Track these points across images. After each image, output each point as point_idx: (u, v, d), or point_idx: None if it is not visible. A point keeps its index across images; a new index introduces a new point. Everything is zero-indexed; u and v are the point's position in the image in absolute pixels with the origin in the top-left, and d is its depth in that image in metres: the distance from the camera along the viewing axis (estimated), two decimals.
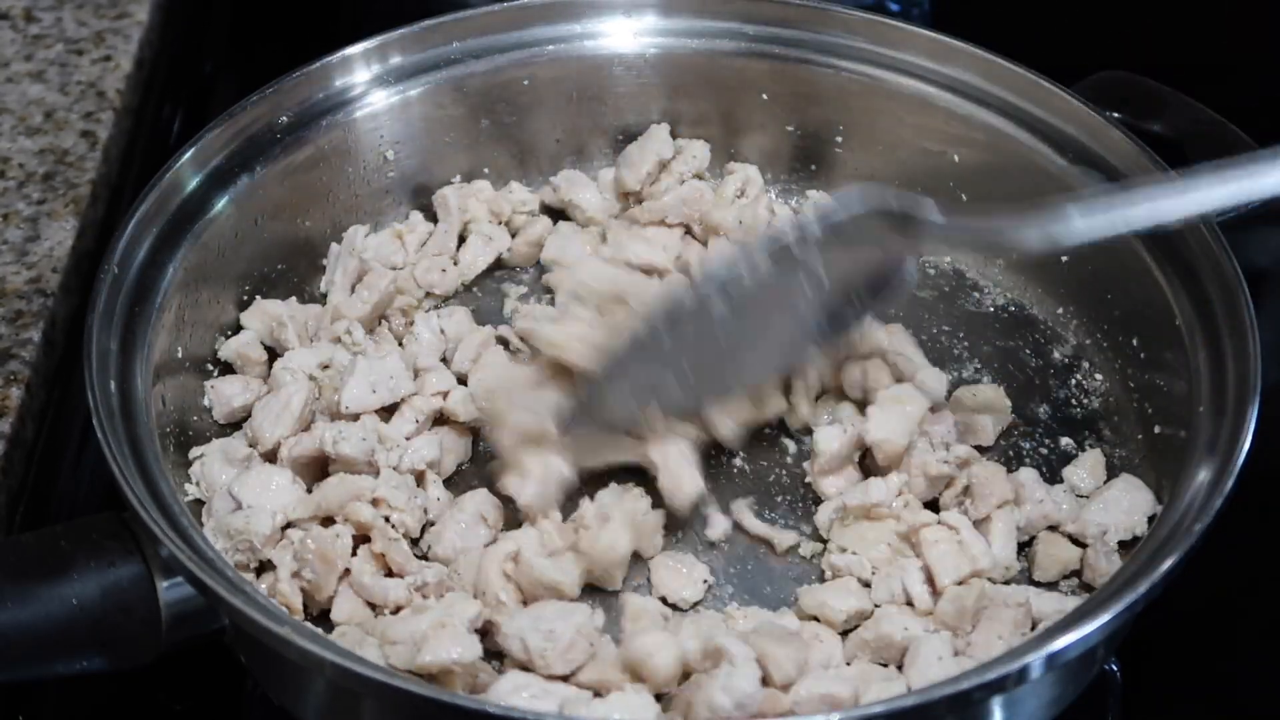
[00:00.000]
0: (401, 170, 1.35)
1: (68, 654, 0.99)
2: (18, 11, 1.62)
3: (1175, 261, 1.17)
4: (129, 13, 1.62)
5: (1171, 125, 1.30)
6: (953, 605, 1.07)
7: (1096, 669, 1.08)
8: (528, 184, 1.39)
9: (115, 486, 1.01)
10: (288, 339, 1.22)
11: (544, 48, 1.37)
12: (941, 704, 0.93)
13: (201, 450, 1.16)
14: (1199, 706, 1.16)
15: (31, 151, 1.47)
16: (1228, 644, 1.19)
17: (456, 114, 1.36)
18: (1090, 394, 1.25)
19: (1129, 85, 1.33)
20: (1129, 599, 0.96)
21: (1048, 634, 0.97)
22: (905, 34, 1.34)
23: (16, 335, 1.30)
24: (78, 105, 1.51)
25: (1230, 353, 1.10)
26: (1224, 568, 1.12)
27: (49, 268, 1.35)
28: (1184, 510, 1.03)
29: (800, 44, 1.36)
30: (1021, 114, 1.30)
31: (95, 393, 1.06)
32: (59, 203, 1.41)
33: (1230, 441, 1.05)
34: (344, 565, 1.09)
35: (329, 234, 1.32)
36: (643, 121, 1.39)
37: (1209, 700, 1.16)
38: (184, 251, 1.19)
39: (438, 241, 1.33)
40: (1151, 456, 1.17)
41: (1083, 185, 1.25)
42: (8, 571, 0.99)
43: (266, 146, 1.27)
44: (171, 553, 0.97)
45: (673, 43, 1.38)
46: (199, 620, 1.01)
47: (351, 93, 1.32)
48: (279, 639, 0.94)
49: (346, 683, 0.94)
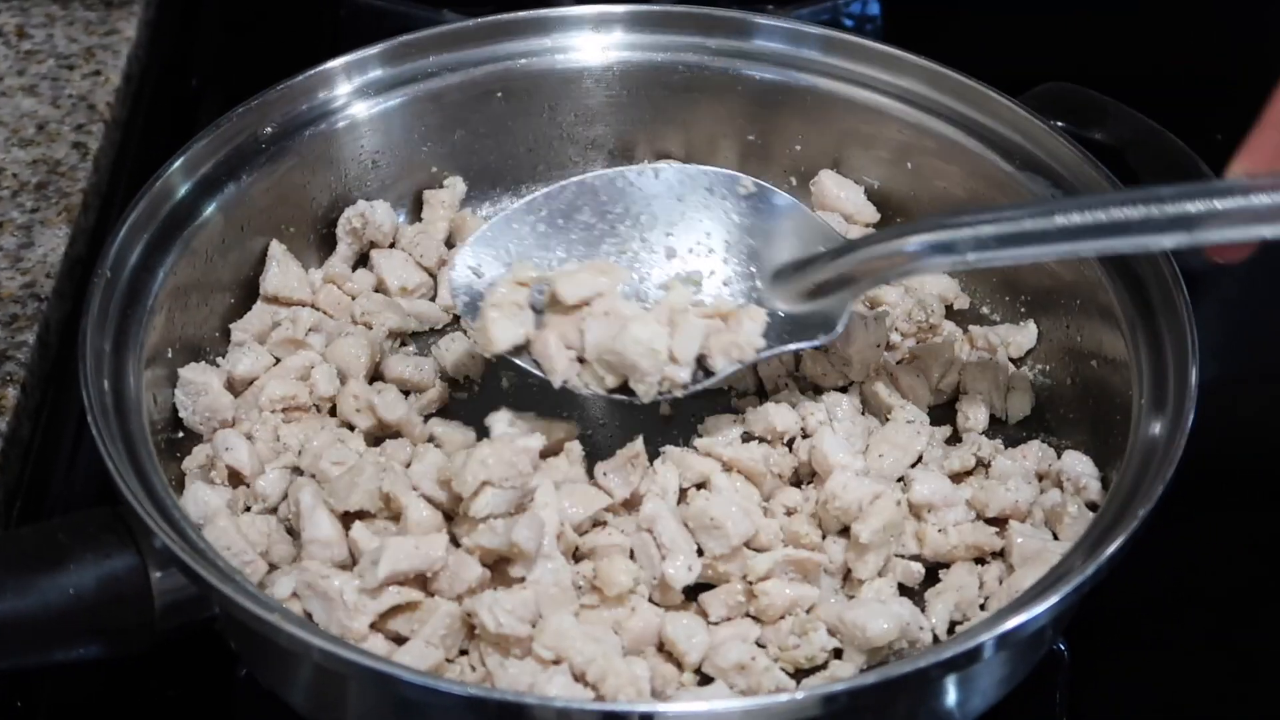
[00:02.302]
0: (381, 179, 1.36)
1: (65, 642, 0.99)
2: (10, 28, 1.61)
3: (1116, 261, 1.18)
4: (118, 29, 1.61)
5: (1112, 133, 1.31)
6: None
7: (1045, 649, 1.09)
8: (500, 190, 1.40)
9: (110, 481, 1.01)
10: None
11: (516, 61, 1.37)
12: (898, 683, 0.94)
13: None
14: (1144, 684, 1.17)
15: (25, 162, 1.46)
16: (1172, 624, 1.20)
17: (433, 124, 1.36)
18: (1036, 388, 1.26)
19: (1072, 96, 1.34)
20: (1076, 581, 0.97)
21: (999, 615, 0.97)
22: (860, 48, 1.35)
23: (12, 338, 1.29)
24: (69, 118, 1.51)
25: (1169, 348, 1.11)
26: (1168, 551, 1.13)
27: (43, 273, 1.35)
28: (1126, 496, 1.04)
29: (760, 57, 1.37)
30: (970, 123, 1.30)
31: (89, 392, 1.06)
32: (52, 211, 1.41)
33: (1171, 431, 1.06)
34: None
35: (312, 239, 1.33)
36: (610, 131, 1.40)
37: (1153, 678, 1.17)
38: (174, 256, 1.19)
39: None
40: (1094, 446, 1.18)
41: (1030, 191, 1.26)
42: (6, 564, 0.99)
43: (252, 156, 1.27)
44: (165, 544, 0.97)
45: (639, 56, 1.38)
46: (191, 609, 1.01)
47: (333, 105, 1.32)
48: (268, 626, 0.94)
49: (333, 666, 0.94)
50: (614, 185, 1.21)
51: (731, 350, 1.14)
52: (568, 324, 1.13)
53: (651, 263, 1.21)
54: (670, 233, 1.21)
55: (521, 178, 1.40)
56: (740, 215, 1.21)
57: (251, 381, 1.21)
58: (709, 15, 1.37)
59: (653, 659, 1.06)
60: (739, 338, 1.14)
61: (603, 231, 1.21)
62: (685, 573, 1.08)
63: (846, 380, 1.24)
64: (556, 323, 1.13)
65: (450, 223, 1.36)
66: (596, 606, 1.07)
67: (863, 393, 1.23)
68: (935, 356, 1.24)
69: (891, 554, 1.12)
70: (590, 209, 1.21)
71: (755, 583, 1.09)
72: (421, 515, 1.06)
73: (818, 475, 1.15)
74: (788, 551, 1.10)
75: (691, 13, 1.38)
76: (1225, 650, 1.19)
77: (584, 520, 1.11)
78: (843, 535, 1.12)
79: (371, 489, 1.08)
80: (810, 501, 1.14)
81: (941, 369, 1.24)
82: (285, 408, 1.19)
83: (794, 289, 1.17)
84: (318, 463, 1.12)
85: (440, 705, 0.95)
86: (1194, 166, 1.27)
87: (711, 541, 1.09)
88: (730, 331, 1.14)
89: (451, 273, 1.19)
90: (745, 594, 1.09)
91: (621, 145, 1.41)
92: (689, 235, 1.21)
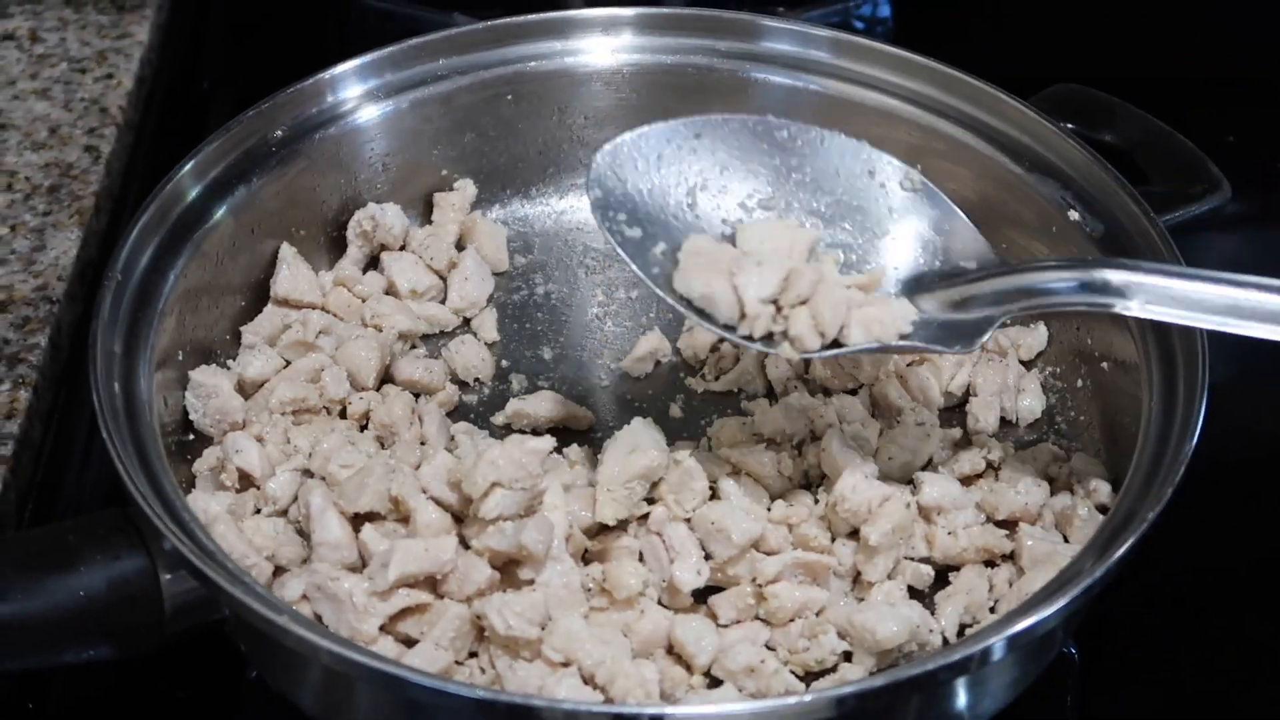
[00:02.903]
0: (391, 182, 1.35)
1: (76, 643, 0.99)
2: (24, 32, 1.61)
3: None
4: (130, 33, 1.61)
5: (1122, 135, 1.31)
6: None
7: (1055, 651, 1.09)
8: (510, 193, 1.40)
9: (120, 483, 1.01)
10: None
11: (526, 64, 1.37)
12: (908, 685, 0.93)
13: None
14: (1154, 686, 1.16)
15: (37, 165, 1.46)
16: (1182, 626, 1.19)
17: (443, 127, 1.36)
18: (1047, 390, 1.25)
19: (1081, 97, 1.34)
20: (1086, 583, 0.96)
21: (1009, 617, 0.97)
22: (869, 50, 1.35)
23: (24, 340, 1.29)
24: (81, 121, 1.51)
25: (1179, 350, 1.11)
26: (1178, 553, 1.12)
27: (55, 276, 1.35)
28: (1136, 499, 1.03)
29: (769, 59, 1.36)
30: (980, 125, 1.30)
31: (100, 394, 1.06)
32: (64, 214, 1.41)
33: (1180, 434, 1.05)
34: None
35: (322, 242, 1.33)
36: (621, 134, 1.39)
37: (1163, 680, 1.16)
38: (185, 259, 1.19)
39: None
40: (1104, 448, 1.18)
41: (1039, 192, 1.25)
42: (18, 565, 0.99)
43: (262, 159, 1.27)
44: (174, 546, 0.97)
45: (648, 59, 1.38)
46: (200, 610, 1.00)
47: (343, 107, 1.32)
48: (277, 628, 0.94)
49: (342, 668, 0.94)
50: (773, 135, 1.16)
51: (874, 326, 1.09)
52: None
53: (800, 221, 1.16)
54: (820, 200, 1.16)
55: (531, 180, 1.40)
56: (895, 207, 1.16)
57: (262, 384, 1.21)
58: (718, 18, 1.37)
59: (662, 661, 1.05)
60: (885, 316, 1.09)
61: (757, 175, 1.15)
62: (694, 576, 1.08)
63: (856, 382, 1.23)
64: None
65: (460, 225, 1.36)
66: (606, 609, 1.06)
67: (872, 395, 1.22)
68: (945, 358, 1.24)
69: (901, 557, 1.11)
70: (749, 151, 1.16)
71: (765, 586, 1.08)
72: (430, 517, 1.06)
73: (827, 478, 1.15)
74: (797, 554, 1.09)
75: (701, 15, 1.37)
76: (1236, 652, 1.18)
77: (592, 523, 1.11)
78: (852, 538, 1.12)
79: (381, 491, 1.08)
80: (819, 504, 1.14)
81: (951, 371, 1.24)
82: (295, 410, 1.18)
83: (940, 297, 1.13)
84: (327, 465, 1.12)
85: (450, 707, 0.95)
86: (1203, 168, 1.27)
87: (717, 545, 1.09)
88: (876, 307, 1.10)
89: (595, 159, 1.13)
90: (755, 597, 1.08)
91: None
92: (839, 208, 1.16)
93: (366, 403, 1.19)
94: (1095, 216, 1.22)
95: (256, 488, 1.13)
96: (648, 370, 1.28)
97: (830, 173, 1.16)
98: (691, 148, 1.14)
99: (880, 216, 1.16)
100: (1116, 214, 1.21)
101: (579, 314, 1.34)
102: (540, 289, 1.36)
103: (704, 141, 1.14)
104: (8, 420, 1.23)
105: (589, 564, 1.09)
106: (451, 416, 1.23)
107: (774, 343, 1.07)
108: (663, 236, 1.11)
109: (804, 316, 1.07)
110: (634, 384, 1.28)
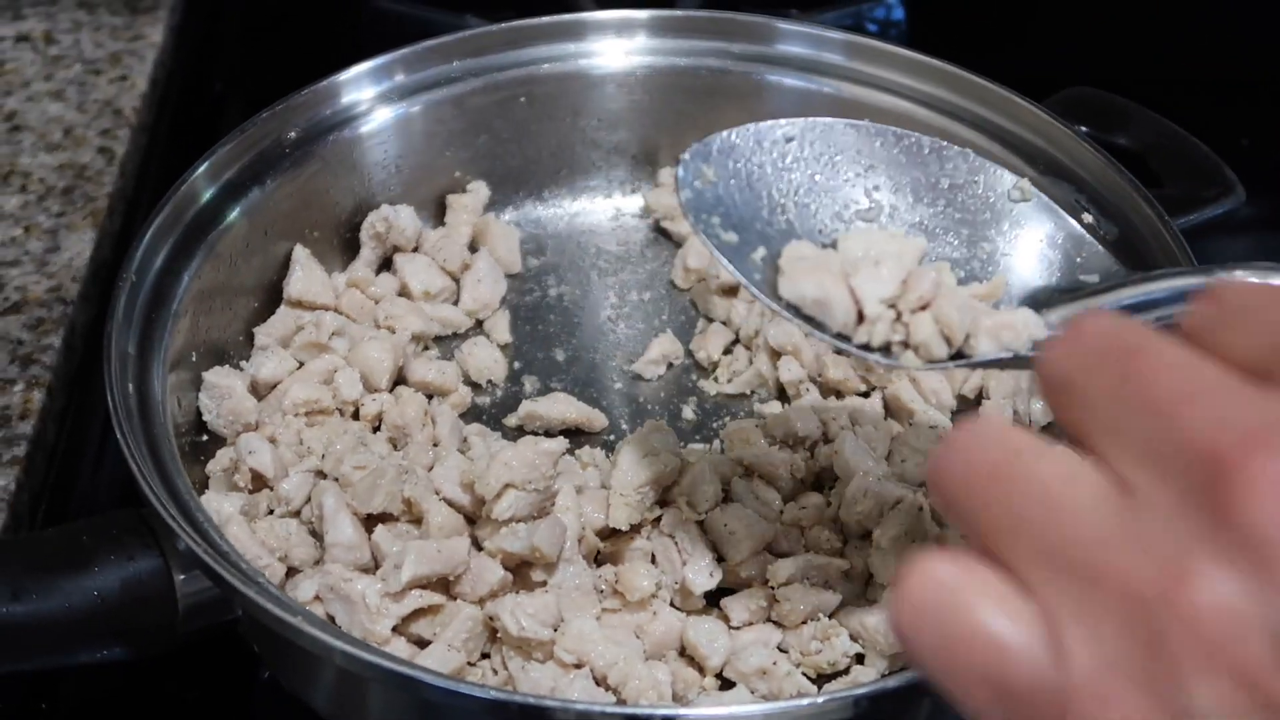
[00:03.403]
0: (404, 183, 1.35)
1: (89, 644, 0.99)
2: (38, 34, 1.62)
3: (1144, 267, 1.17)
4: (144, 35, 1.62)
5: (1136, 138, 1.30)
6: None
7: None
8: (523, 195, 1.40)
9: (134, 484, 1.00)
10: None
11: (539, 66, 1.37)
12: (921, 687, 0.93)
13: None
14: None
15: (51, 167, 1.46)
16: None
17: (456, 129, 1.36)
18: None
19: (1095, 100, 1.34)
20: None
21: None
22: (882, 52, 1.34)
23: (38, 341, 1.29)
24: (95, 122, 1.51)
25: None
26: None
27: (69, 277, 1.35)
28: None
29: (783, 62, 1.36)
30: (993, 127, 1.30)
31: (114, 394, 1.05)
32: (78, 215, 1.41)
33: None
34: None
35: (335, 243, 1.33)
36: (634, 136, 1.39)
37: None
38: (198, 260, 1.19)
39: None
40: None
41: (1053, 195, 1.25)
42: (32, 566, 0.98)
43: (276, 161, 1.27)
44: (188, 547, 0.97)
45: (662, 61, 1.38)
46: (214, 611, 1.00)
47: (356, 109, 1.32)
48: (291, 629, 0.94)
49: (355, 669, 0.94)
50: (873, 144, 1.07)
51: (1004, 333, 0.97)
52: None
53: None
54: (921, 212, 1.06)
55: (545, 182, 1.40)
56: (1005, 219, 1.08)
57: (275, 385, 1.20)
58: (732, 20, 1.37)
59: (674, 663, 1.05)
60: (1016, 322, 0.98)
61: (853, 185, 1.06)
62: (706, 578, 1.07)
63: (869, 384, 1.23)
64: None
65: (473, 227, 1.36)
66: (618, 611, 1.06)
67: (885, 396, 1.22)
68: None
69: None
70: (846, 157, 1.06)
71: (777, 588, 1.08)
72: (443, 519, 1.06)
73: (839, 480, 1.14)
74: (809, 557, 1.09)
75: (715, 18, 1.37)
76: None
77: (605, 525, 1.11)
78: (864, 540, 1.12)
79: (394, 492, 1.08)
80: (832, 506, 1.14)
81: (964, 373, 1.23)
82: (308, 411, 1.18)
83: (1061, 312, 1.02)
84: (340, 466, 1.12)
85: (462, 708, 0.94)
86: (1218, 171, 1.27)
87: (729, 548, 1.08)
88: (1003, 316, 0.99)
89: (683, 157, 1.02)
90: (767, 599, 1.08)
91: (645, 150, 1.40)
92: (943, 219, 1.06)
93: (379, 404, 1.19)
94: (1109, 220, 1.22)
95: (270, 489, 1.13)
96: (660, 372, 1.28)
97: (930, 183, 1.08)
98: (782, 151, 1.06)
99: (989, 229, 1.08)
100: (1130, 217, 1.20)
101: (592, 316, 1.34)
102: (553, 291, 1.36)
103: (796, 146, 1.06)
104: (21, 421, 1.23)
105: (601, 566, 1.09)
106: (464, 418, 1.23)
107: (893, 354, 0.97)
108: (760, 242, 1.01)
109: (927, 322, 0.97)
110: (646, 386, 1.28)
